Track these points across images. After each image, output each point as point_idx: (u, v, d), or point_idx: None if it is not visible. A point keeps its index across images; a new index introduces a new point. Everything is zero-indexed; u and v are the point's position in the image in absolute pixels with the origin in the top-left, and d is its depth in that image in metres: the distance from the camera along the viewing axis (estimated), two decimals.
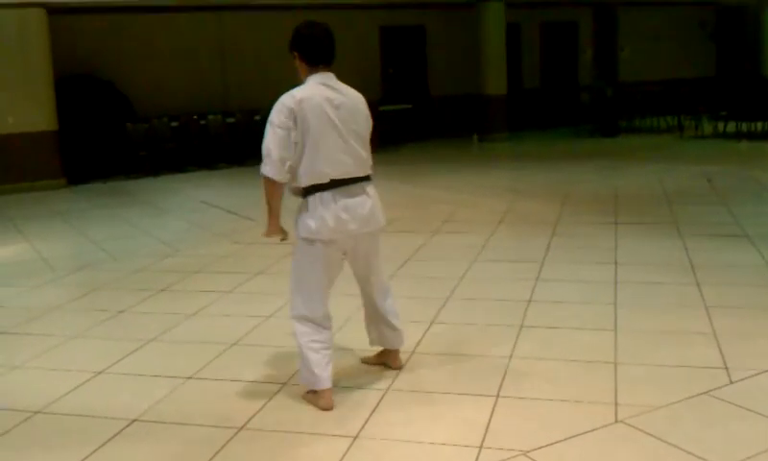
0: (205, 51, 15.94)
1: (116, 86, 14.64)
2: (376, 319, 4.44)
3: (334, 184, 3.97)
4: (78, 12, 14.24)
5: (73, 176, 13.53)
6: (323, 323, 4.10)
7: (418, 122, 17.63)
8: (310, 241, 4.00)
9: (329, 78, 4.07)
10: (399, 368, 4.51)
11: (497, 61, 17.64)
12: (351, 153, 4.02)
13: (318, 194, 3.97)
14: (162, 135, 14.62)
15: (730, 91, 16.94)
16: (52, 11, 13.11)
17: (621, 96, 17.99)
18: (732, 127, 15.77)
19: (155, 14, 15.31)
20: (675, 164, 12.44)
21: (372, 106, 4.46)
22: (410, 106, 17.25)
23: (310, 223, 3.97)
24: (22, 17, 12.75)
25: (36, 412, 4.17)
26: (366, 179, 4.12)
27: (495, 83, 17.66)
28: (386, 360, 4.56)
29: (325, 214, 3.95)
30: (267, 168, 3.92)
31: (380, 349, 4.58)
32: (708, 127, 16.33)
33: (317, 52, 4.06)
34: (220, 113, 15.10)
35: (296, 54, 4.08)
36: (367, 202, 4.09)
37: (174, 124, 14.73)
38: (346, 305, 5.19)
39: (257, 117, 14.16)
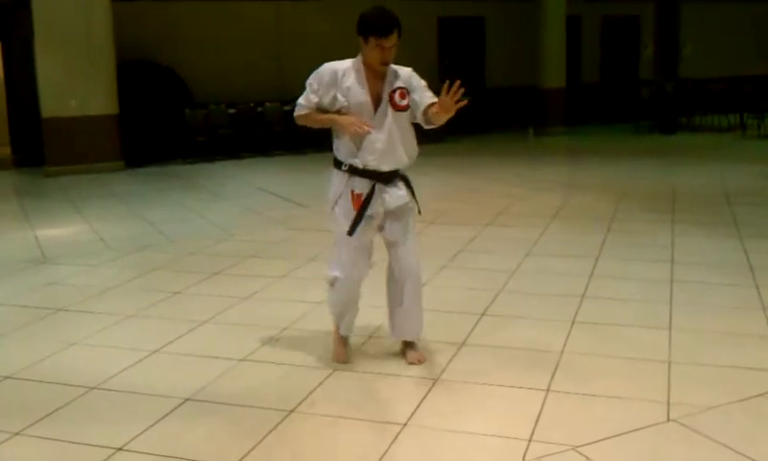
0: (263, 39, 16.09)
1: (176, 73, 14.86)
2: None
3: None
4: None
5: (131, 159, 13.77)
6: None
7: (473, 114, 17.52)
8: None
9: None
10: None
11: (556, 54, 17.50)
12: None
13: None
14: (220, 122, 14.83)
15: None
16: None
17: (682, 92, 17.65)
18: None
19: (214, 2, 15.52)
20: (736, 163, 12.19)
21: None
22: (466, 98, 17.16)
23: None
24: (87, 4, 12.97)
25: (92, 388, 4.26)
26: None
27: (554, 76, 17.52)
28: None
29: None
30: None
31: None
32: None
33: None
34: (277, 101, 15.21)
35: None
36: None
37: (231, 111, 14.96)
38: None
39: None
